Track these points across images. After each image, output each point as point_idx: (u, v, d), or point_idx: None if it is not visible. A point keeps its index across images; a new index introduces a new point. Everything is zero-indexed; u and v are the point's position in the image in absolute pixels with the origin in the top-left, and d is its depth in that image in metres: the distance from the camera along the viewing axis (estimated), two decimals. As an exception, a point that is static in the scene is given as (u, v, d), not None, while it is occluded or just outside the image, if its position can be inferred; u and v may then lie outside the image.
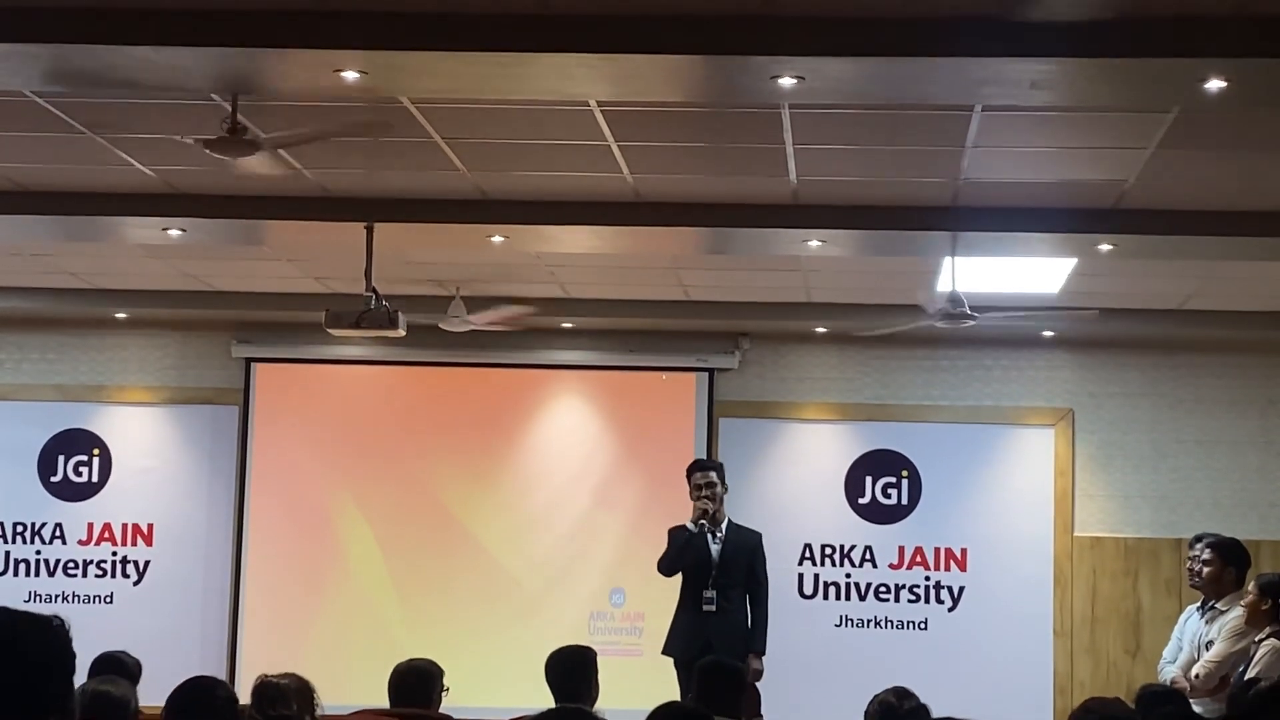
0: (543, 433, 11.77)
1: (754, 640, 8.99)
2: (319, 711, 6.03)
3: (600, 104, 6.53)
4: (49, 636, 2.42)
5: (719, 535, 9.08)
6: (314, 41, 5.49)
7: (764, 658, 9.03)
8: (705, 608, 8.96)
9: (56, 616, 2.46)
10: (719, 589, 8.98)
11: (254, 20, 5.44)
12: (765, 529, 9.53)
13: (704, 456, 10.92)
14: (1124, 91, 5.83)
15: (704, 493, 9.09)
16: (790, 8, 5.32)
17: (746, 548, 9.16)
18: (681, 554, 9.07)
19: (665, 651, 9.13)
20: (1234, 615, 7.99)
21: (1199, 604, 8.38)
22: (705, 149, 7.27)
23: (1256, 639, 7.77)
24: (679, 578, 9.29)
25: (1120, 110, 6.44)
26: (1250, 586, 7.97)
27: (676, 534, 9.24)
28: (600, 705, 6.25)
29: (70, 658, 2.44)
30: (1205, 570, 8.20)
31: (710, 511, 9.05)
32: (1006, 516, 11.50)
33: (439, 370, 11.73)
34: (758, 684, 8.92)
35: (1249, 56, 5.33)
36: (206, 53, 5.54)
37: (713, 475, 9.17)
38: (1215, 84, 5.50)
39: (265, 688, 5.64)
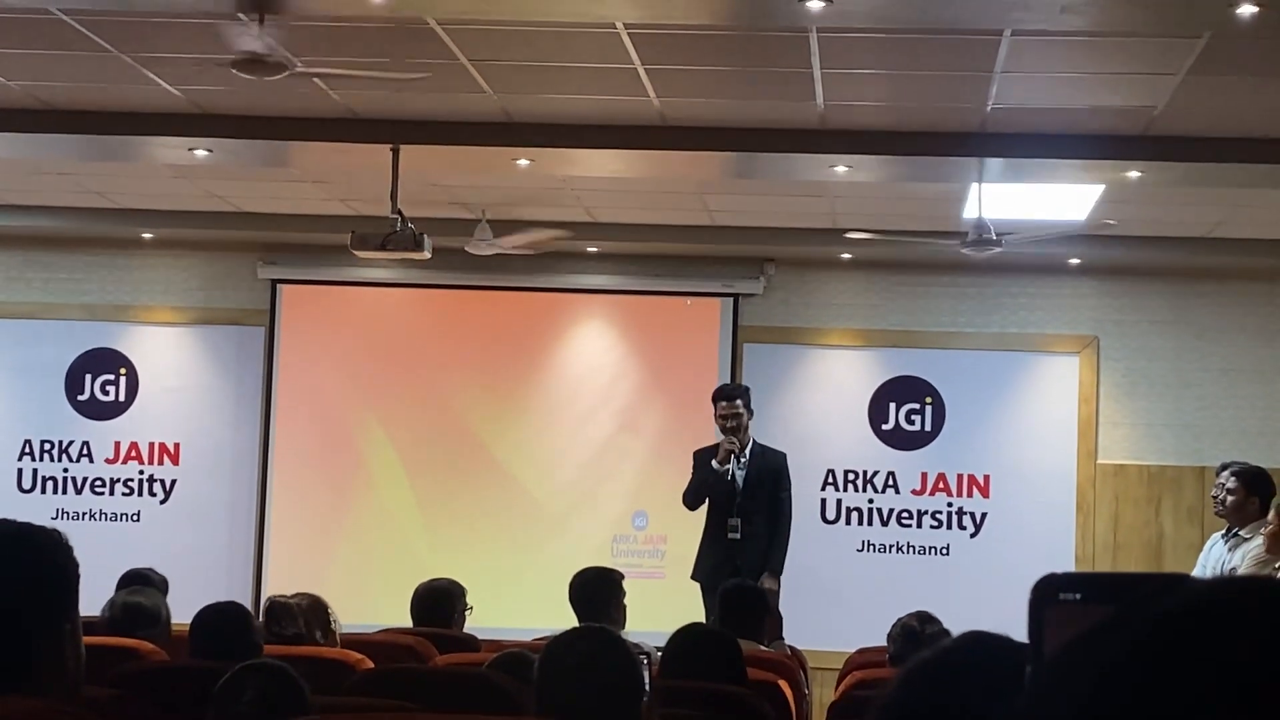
0: (567, 357, 11.79)
1: (770, 560, 9.00)
2: (336, 628, 6.08)
3: (627, 26, 6.50)
4: (36, 552, 2.34)
5: (743, 461, 9.07)
6: (340, -39, 5.47)
7: (781, 578, 9.04)
8: (730, 535, 8.97)
9: (55, 530, 2.37)
10: (743, 515, 8.98)
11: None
12: (789, 454, 9.52)
13: (728, 382, 10.91)
14: (1154, 16, 5.78)
15: (729, 424, 9.04)
16: (819, -71, 5.28)
17: (771, 470, 9.15)
18: (705, 488, 9.06)
19: (694, 576, 9.17)
20: (1256, 544, 7.99)
21: (1223, 531, 8.39)
22: (732, 73, 7.24)
23: (1278, 566, 7.78)
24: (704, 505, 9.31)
25: (1150, 36, 6.39)
26: (1271, 514, 7.97)
27: (700, 460, 9.23)
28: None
29: (62, 576, 2.35)
30: (1229, 498, 8.20)
31: (735, 450, 9.02)
32: (1030, 443, 11.49)
33: (464, 293, 11.74)
34: (779, 607, 8.95)
35: (1282, -19, 5.28)
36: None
37: (738, 405, 9.11)
38: (1247, 8, 5.45)
39: (274, 607, 5.71)
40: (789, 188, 9.51)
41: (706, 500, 9.16)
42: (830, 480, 11.60)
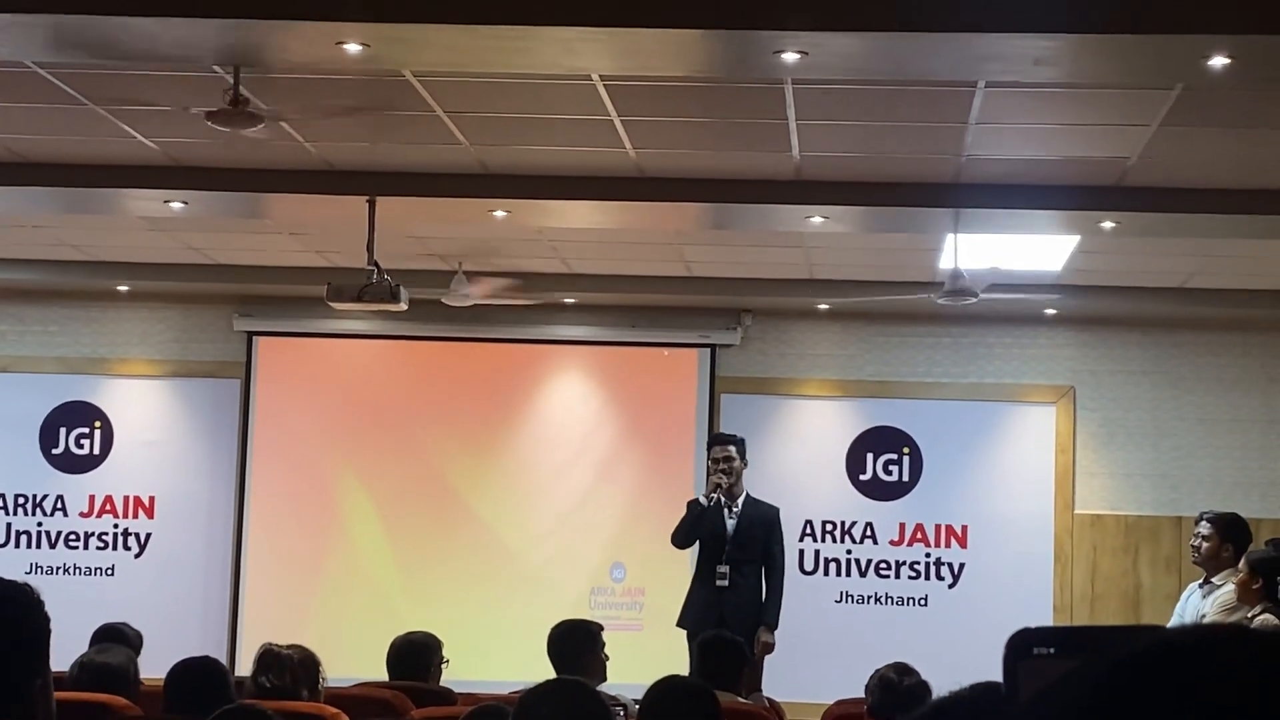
0: (545, 408, 11.77)
1: (765, 613, 8.99)
2: (323, 684, 6.02)
3: (603, 78, 6.52)
4: (7, 608, 2.29)
5: (734, 510, 9.05)
6: (316, 13, 5.48)
7: (774, 632, 9.05)
8: (718, 582, 8.96)
9: (26, 585, 2.32)
10: (732, 564, 8.97)
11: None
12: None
13: (709, 433, 10.91)
14: (1127, 68, 5.82)
15: (720, 466, 9.07)
16: (794, -18, 5.32)
17: (763, 522, 9.12)
18: (694, 527, 9.06)
19: (680, 624, 9.15)
20: (1228, 590, 7.99)
21: (1200, 581, 8.39)
22: (708, 124, 7.26)
23: (1248, 615, 7.78)
24: (691, 552, 9.29)
25: (1124, 87, 6.43)
26: (1241, 564, 7.98)
27: (693, 505, 9.23)
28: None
29: (34, 632, 2.31)
30: (1204, 545, 8.21)
31: (724, 486, 9.02)
32: (1007, 494, 11.50)
33: (441, 345, 11.72)
34: (767, 657, 8.96)
35: (1253, 33, 5.31)
36: (208, 24, 5.53)
37: (731, 450, 9.12)
38: (1219, 60, 5.49)
39: (267, 655, 5.64)
40: (765, 238, 9.53)
41: (696, 542, 9.16)
42: (808, 531, 11.58)
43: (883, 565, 11.57)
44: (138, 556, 11.85)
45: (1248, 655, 0.75)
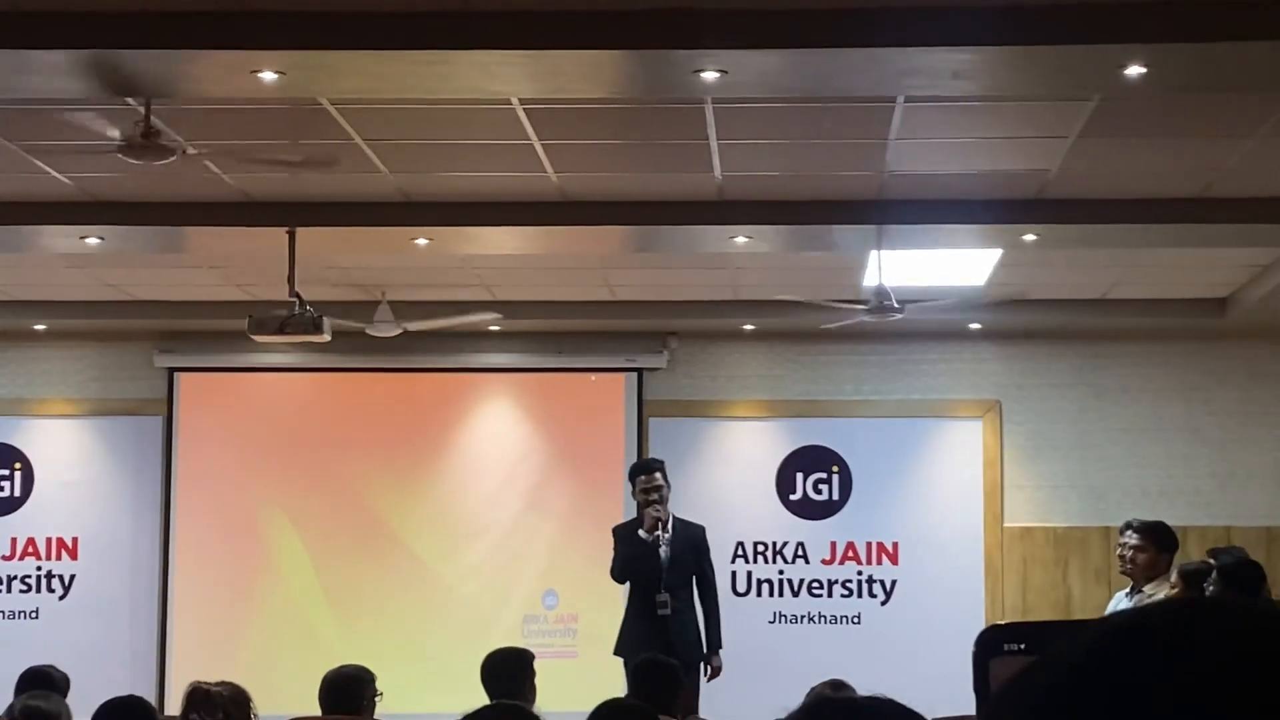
0: (472, 437, 11.70)
1: (711, 638, 8.99)
2: (255, 720, 5.93)
3: (523, 102, 6.49)
4: None
5: (665, 536, 9.00)
6: (230, 42, 5.42)
7: (720, 652, 9.07)
8: (660, 612, 8.88)
9: None
10: (671, 590, 8.92)
11: (168, 21, 5.36)
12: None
13: (637, 457, 10.86)
14: (1045, 79, 5.84)
15: (652, 497, 8.98)
16: (711, 0, 5.30)
17: (693, 544, 9.09)
18: (635, 563, 8.98)
19: (617, 652, 9.05)
20: (1157, 599, 8.03)
21: (1128, 589, 8.42)
22: (629, 146, 7.24)
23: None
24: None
25: (1042, 99, 6.46)
26: (1174, 576, 8.01)
27: (622, 534, 9.15)
28: (537, 707, 6.20)
29: None
30: (1139, 556, 8.22)
31: (663, 518, 8.97)
32: (937, 509, 11.53)
33: (366, 376, 11.64)
34: (711, 680, 8.98)
35: (1168, 41, 5.34)
36: (119, 55, 5.45)
37: (658, 477, 9.05)
38: (1135, 70, 5.51)
39: (195, 693, 5.56)
40: (690, 260, 9.52)
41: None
42: (740, 552, 11.56)
43: (815, 584, 11.56)
44: (62, 599, 11.67)
45: (1219, 624, 0.75)
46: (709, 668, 8.87)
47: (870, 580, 11.54)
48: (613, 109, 6.62)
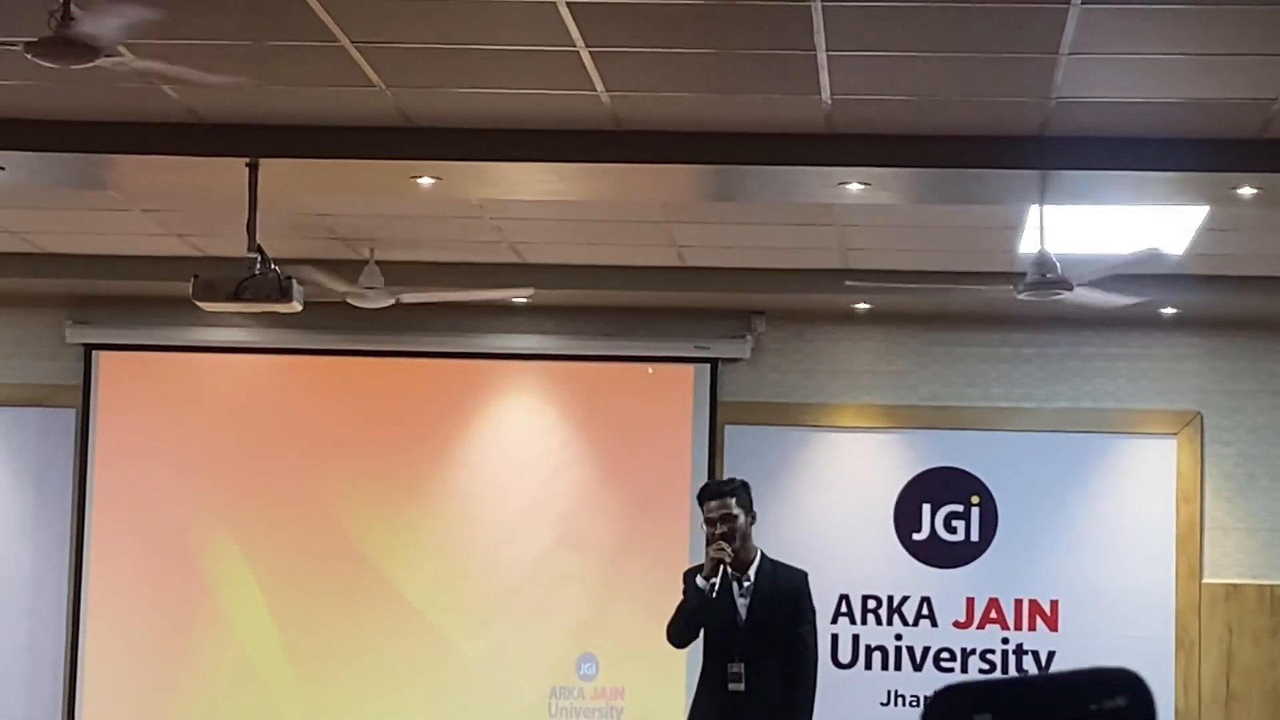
0: (487, 444, 11.76)
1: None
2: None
3: (566, -6, 6.52)
4: None
5: (746, 584, 8.94)
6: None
7: None
8: (731, 685, 8.83)
9: None
10: (749, 659, 8.85)
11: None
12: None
13: (708, 476, 10.88)
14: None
15: (719, 530, 8.93)
16: None
17: (787, 596, 8.98)
18: (694, 617, 8.93)
19: None
20: None
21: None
22: (707, 57, 7.25)
23: None
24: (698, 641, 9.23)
25: (1272, 2, 6.43)
26: None
27: (691, 580, 9.12)
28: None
29: None
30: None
31: (728, 558, 8.89)
32: (1112, 557, 11.52)
33: (348, 360, 11.71)
34: None
35: None
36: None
37: (730, 503, 8.98)
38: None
39: None
40: (784, 214, 9.53)
41: (700, 635, 9.04)
42: (844, 609, 11.59)
43: (945, 655, 11.57)
44: (-62, 648, 11.81)
45: None
46: None
47: (1020, 651, 11.54)
48: (687, 6, 6.63)
